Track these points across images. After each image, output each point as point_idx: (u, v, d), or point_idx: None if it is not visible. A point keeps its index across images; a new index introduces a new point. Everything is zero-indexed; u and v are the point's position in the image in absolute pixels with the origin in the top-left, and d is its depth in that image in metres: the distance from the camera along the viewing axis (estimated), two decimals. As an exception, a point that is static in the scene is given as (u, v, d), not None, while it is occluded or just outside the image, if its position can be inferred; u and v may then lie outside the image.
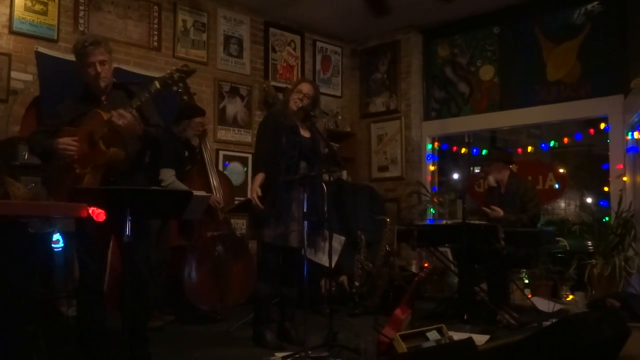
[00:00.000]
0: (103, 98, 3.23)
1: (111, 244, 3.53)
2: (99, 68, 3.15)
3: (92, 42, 3.16)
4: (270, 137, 3.97)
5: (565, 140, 6.55)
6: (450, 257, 5.57)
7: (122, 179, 3.17)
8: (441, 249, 5.55)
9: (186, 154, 4.99)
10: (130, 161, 3.22)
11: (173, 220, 4.73)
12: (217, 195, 4.88)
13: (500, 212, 5.03)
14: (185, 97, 4.95)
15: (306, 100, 4.03)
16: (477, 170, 6.99)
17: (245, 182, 6.55)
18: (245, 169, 6.57)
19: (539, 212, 5.34)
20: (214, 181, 4.93)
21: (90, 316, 3.18)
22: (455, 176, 7.66)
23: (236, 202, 5.17)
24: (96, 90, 3.22)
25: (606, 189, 6.08)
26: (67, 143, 3.12)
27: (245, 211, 4.59)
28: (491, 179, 5.29)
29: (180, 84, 3.19)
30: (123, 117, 3.02)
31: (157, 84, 3.10)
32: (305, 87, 4.09)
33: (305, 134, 4.03)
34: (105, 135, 3.09)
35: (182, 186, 4.61)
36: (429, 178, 7.36)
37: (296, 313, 4.07)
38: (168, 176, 4.59)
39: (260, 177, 3.90)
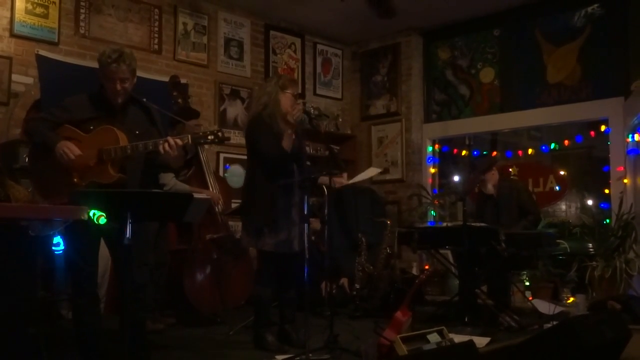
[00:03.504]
0: (118, 110, 3.19)
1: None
2: (118, 86, 3.10)
3: (116, 58, 3.06)
4: (268, 137, 3.84)
5: (566, 142, 6.56)
6: (451, 260, 5.57)
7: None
8: (442, 251, 5.54)
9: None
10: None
11: (172, 224, 4.73)
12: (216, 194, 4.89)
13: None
14: (180, 101, 4.95)
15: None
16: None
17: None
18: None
19: (539, 212, 5.34)
20: (212, 183, 4.93)
21: (86, 319, 3.15)
22: (456, 178, 7.65)
23: (234, 204, 5.17)
24: (112, 101, 3.18)
25: (607, 191, 6.09)
26: (72, 150, 3.05)
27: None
28: (490, 187, 5.29)
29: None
30: (172, 149, 3.01)
31: (189, 138, 3.07)
32: (296, 89, 4.04)
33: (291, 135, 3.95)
34: (117, 158, 3.08)
35: (185, 187, 4.62)
36: (430, 180, 7.36)
37: (297, 315, 4.06)
38: (169, 179, 4.58)
39: None
